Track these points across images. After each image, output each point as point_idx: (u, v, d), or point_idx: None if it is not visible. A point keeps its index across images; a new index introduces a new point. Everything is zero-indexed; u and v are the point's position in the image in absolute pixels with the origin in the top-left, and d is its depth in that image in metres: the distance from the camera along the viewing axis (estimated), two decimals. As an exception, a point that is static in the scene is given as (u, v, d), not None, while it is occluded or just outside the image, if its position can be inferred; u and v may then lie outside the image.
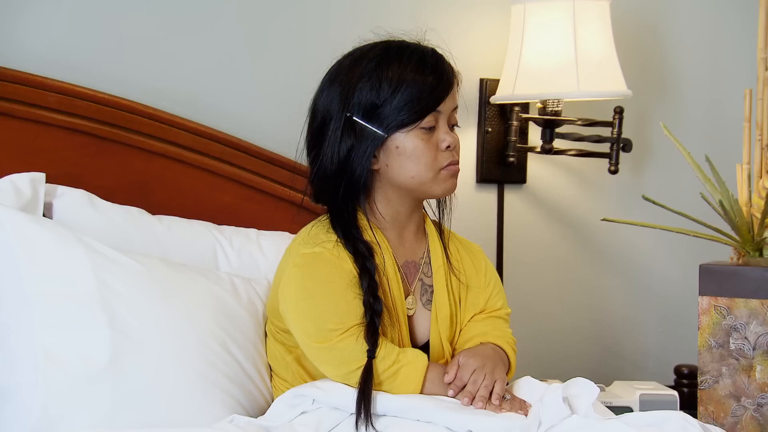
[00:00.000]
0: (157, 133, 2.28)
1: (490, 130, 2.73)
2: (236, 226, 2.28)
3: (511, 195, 2.79)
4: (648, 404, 2.37)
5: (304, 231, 1.94)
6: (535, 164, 2.81)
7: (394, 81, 1.85)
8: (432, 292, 1.96)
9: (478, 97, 2.73)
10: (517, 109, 2.70)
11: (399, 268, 1.93)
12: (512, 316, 2.80)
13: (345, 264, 1.85)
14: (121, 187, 2.23)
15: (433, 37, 1.93)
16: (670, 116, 2.89)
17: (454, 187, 1.95)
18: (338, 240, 1.87)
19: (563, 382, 2.53)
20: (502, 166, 2.75)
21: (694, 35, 2.96)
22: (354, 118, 1.86)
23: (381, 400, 1.76)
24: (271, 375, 1.99)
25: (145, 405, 1.82)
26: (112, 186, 2.21)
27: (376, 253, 1.88)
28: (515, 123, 2.70)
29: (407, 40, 1.93)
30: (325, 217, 1.93)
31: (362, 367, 1.78)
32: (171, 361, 1.86)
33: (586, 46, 2.54)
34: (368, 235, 1.90)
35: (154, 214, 2.19)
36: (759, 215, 2.38)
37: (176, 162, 2.30)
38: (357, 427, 1.73)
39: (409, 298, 1.94)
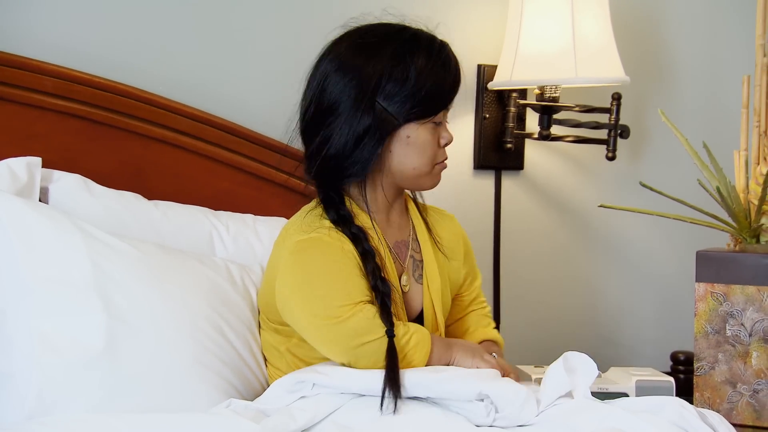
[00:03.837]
0: (153, 118, 2.28)
1: (487, 116, 2.73)
2: (233, 211, 2.28)
3: (508, 181, 2.79)
4: (644, 390, 2.37)
5: (295, 221, 1.94)
6: (533, 150, 2.81)
7: (422, 72, 1.87)
8: (422, 266, 1.99)
9: (475, 83, 2.72)
10: (514, 95, 2.69)
11: (391, 250, 1.95)
12: (509, 303, 2.81)
13: (346, 245, 1.86)
14: (118, 172, 2.23)
15: (432, 24, 1.93)
16: (668, 103, 2.88)
17: (438, 184, 2.00)
18: (333, 226, 1.88)
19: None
20: (499, 153, 2.75)
21: (693, 21, 2.96)
22: (377, 99, 1.87)
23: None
24: (266, 365, 1.99)
25: (140, 390, 1.82)
26: (108, 171, 2.21)
27: (370, 238, 1.89)
28: (513, 109, 2.70)
29: (424, 29, 1.95)
30: (313, 206, 1.94)
31: (373, 342, 1.79)
32: (166, 346, 1.86)
33: (584, 32, 2.54)
34: (358, 221, 1.91)
35: (150, 200, 2.18)
36: (756, 202, 2.38)
37: (173, 147, 2.29)
38: (382, 409, 1.73)
39: (403, 277, 1.96)
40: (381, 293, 1.83)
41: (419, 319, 1.97)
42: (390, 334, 1.79)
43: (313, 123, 1.91)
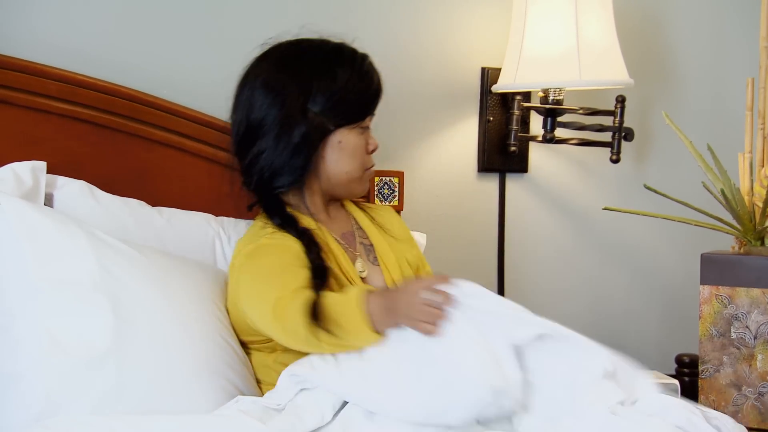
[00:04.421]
0: (157, 121, 2.28)
1: (491, 119, 2.73)
2: (237, 215, 2.28)
3: (512, 184, 2.79)
4: (649, 393, 2.36)
5: (241, 241, 2.01)
6: (537, 153, 2.81)
7: (349, 79, 1.98)
8: (374, 249, 2.06)
9: (479, 86, 2.72)
10: (518, 98, 2.69)
11: (339, 241, 2.01)
12: (513, 305, 2.80)
13: (288, 241, 1.92)
14: (122, 175, 2.23)
15: (436, 26, 1.92)
16: (672, 105, 2.88)
17: (366, 191, 2.09)
18: (276, 230, 1.95)
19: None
20: (503, 156, 2.75)
21: (697, 24, 2.96)
22: (308, 107, 1.96)
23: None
24: (259, 386, 1.99)
25: (147, 390, 1.82)
26: (112, 174, 2.21)
27: (315, 235, 1.95)
28: (517, 112, 2.69)
29: (344, 43, 2.05)
30: (255, 221, 2.02)
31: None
32: (172, 348, 1.86)
33: (587, 34, 2.54)
34: (302, 223, 1.98)
35: (154, 203, 2.18)
36: (761, 204, 2.38)
37: (177, 150, 2.29)
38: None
39: (358, 263, 2.02)
40: (321, 272, 1.87)
41: None
42: (316, 291, 1.80)
43: (246, 139, 2.00)
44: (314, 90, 1.96)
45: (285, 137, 1.96)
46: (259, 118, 1.98)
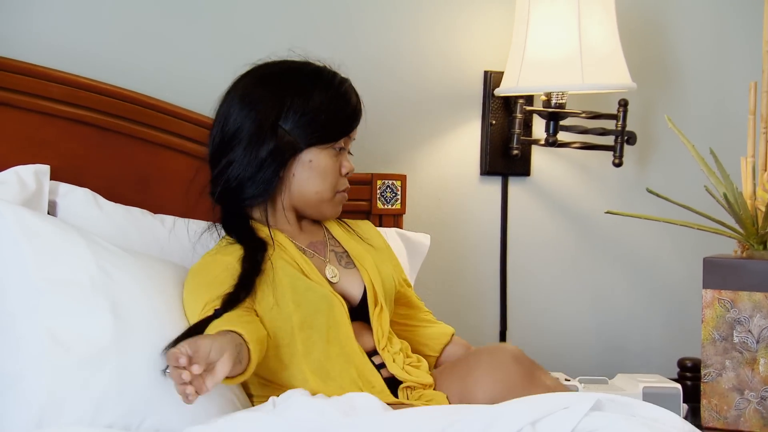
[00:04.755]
0: (160, 124, 2.28)
1: (494, 122, 2.73)
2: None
3: (515, 187, 2.79)
4: (651, 397, 2.37)
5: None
6: (540, 157, 2.81)
7: (323, 100, 2.00)
8: (347, 254, 2.06)
9: (482, 90, 2.72)
10: (521, 101, 2.69)
11: (304, 250, 2.02)
12: (516, 308, 2.81)
13: (226, 257, 1.94)
14: (124, 178, 2.23)
15: (438, 30, 1.92)
16: (674, 109, 2.88)
17: (339, 213, 2.09)
18: (228, 243, 1.98)
19: (566, 375, 2.53)
20: (506, 159, 2.75)
21: (699, 27, 2.95)
22: (279, 124, 1.98)
23: None
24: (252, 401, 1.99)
25: (146, 389, 1.82)
26: (115, 177, 2.21)
27: (270, 247, 1.96)
28: (519, 115, 2.70)
29: (327, 66, 2.07)
30: (222, 238, 2.04)
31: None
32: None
33: (590, 38, 2.54)
34: (261, 234, 1.99)
35: (156, 205, 2.19)
36: (763, 208, 2.38)
37: (179, 153, 2.30)
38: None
39: (328, 270, 2.02)
40: (244, 280, 1.88)
41: (363, 302, 2.00)
42: (217, 314, 1.81)
43: (219, 149, 2.03)
44: (287, 107, 1.99)
45: (254, 150, 1.98)
46: (233, 131, 2.01)
